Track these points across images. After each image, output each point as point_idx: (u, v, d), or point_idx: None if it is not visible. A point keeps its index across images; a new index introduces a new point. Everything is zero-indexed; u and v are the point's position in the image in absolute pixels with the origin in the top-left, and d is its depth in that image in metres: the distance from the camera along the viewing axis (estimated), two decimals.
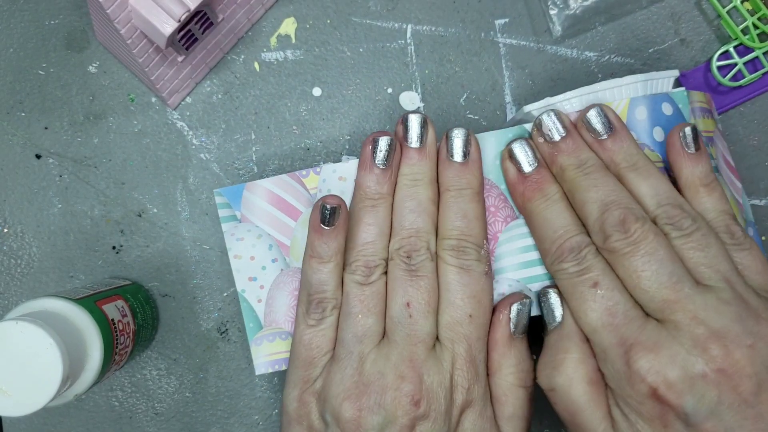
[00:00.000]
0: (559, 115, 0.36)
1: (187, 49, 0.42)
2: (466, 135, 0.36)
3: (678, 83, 0.45)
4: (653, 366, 0.31)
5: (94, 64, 0.45)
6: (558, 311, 0.35)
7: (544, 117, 0.36)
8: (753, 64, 0.45)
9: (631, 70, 0.45)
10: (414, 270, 0.35)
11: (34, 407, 0.33)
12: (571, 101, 0.37)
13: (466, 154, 0.36)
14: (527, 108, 0.38)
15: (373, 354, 0.34)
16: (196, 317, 0.45)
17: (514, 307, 0.35)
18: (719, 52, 0.45)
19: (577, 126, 0.36)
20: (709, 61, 0.45)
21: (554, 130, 0.36)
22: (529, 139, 0.37)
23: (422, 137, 0.36)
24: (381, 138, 0.36)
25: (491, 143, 0.37)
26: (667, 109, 0.37)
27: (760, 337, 0.31)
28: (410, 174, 0.36)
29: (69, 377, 0.33)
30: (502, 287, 0.37)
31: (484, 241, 0.36)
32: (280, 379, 0.45)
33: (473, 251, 0.35)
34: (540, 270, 0.37)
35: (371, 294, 0.35)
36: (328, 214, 0.35)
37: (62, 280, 0.45)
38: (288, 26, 0.45)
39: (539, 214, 0.35)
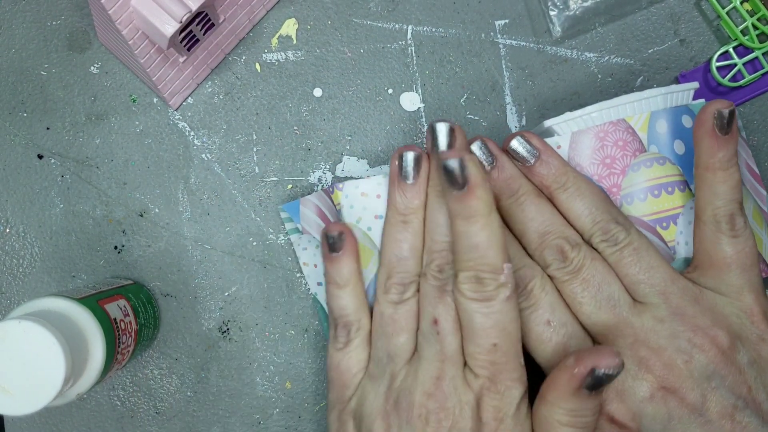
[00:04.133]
0: (487, 144, 0.36)
1: (188, 49, 0.42)
2: (460, 162, 0.32)
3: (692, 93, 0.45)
4: (606, 397, 0.33)
5: (96, 65, 0.45)
6: None
7: (473, 147, 0.36)
8: (752, 65, 0.45)
9: (631, 71, 0.45)
10: (443, 285, 0.34)
11: (36, 406, 0.33)
12: (591, 115, 0.37)
13: (464, 184, 0.31)
14: (547, 123, 0.38)
15: (404, 371, 0.34)
16: (197, 317, 0.45)
17: (599, 372, 0.30)
18: (719, 53, 0.45)
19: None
20: (708, 62, 0.45)
21: (483, 160, 0.36)
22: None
23: (451, 146, 0.35)
24: (407, 152, 0.36)
25: None
26: (687, 122, 0.37)
27: (697, 350, 0.32)
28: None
29: (71, 376, 0.33)
30: None
31: (504, 264, 0.32)
32: (281, 379, 0.45)
33: (491, 280, 0.32)
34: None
35: (404, 312, 0.35)
36: (333, 242, 0.36)
37: (64, 279, 0.45)
38: (289, 27, 0.46)
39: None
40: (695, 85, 0.38)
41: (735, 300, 0.34)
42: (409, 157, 0.36)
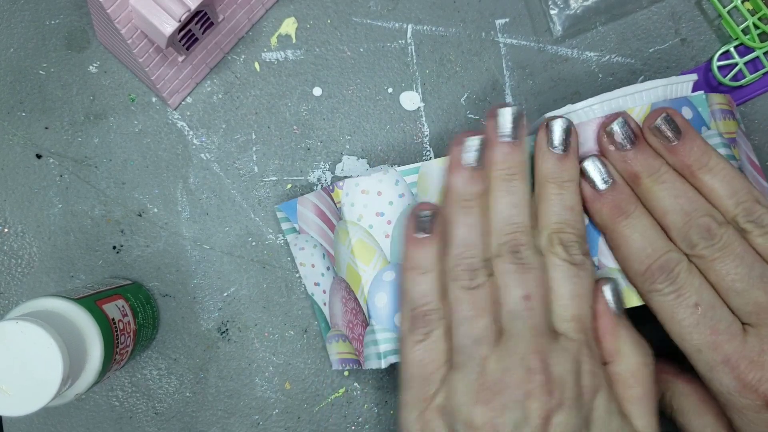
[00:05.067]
0: (628, 122, 0.36)
1: (187, 49, 0.42)
2: (567, 126, 0.36)
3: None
4: (763, 376, 0.32)
5: (95, 64, 0.45)
6: None
7: (615, 126, 0.36)
8: (753, 64, 0.45)
9: (632, 70, 0.45)
10: (524, 264, 0.34)
11: (34, 407, 0.33)
12: (592, 107, 0.37)
13: (566, 146, 0.36)
14: (548, 116, 0.38)
15: (495, 353, 0.33)
16: (196, 317, 0.45)
17: (606, 289, 0.35)
18: (720, 52, 0.45)
19: (644, 133, 0.36)
20: (709, 61, 0.45)
21: (625, 138, 0.36)
22: (601, 156, 0.36)
23: (516, 131, 0.36)
24: (471, 138, 0.36)
25: None
26: (687, 113, 0.37)
27: None
28: (506, 168, 0.36)
29: (69, 377, 0.33)
30: None
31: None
32: (280, 379, 0.45)
33: (580, 245, 0.35)
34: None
35: (482, 295, 0.34)
36: (427, 221, 0.34)
37: (63, 279, 0.45)
38: (288, 26, 0.45)
39: (621, 234, 0.35)
40: (694, 77, 0.38)
41: None
42: (474, 142, 0.36)
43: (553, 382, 0.32)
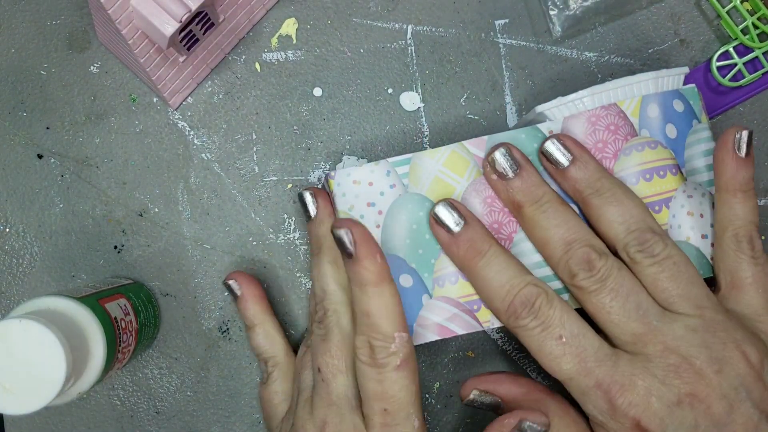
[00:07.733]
0: (511, 150, 0.36)
1: (188, 49, 0.42)
2: (348, 233, 0.35)
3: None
4: (633, 400, 0.32)
5: (96, 65, 0.45)
6: None
7: (497, 154, 0.36)
8: (753, 64, 0.45)
9: (631, 71, 0.46)
10: (325, 334, 0.37)
11: (36, 406, 0.33)
12: (583, 100, 0.37)
13: (350, 254, 0.35)
14: (539, 108, 0.38)
15: (307, 406, 0.37)
16: (197, 316, 0.45)
17: (524, 424, 0.34)
18: (719, 52, 0.45)
19: (531, 160, 0.36)
20: (708, 62, 0.45)
21: (507, 167, 0.36)
22: (452, 199, 0.36)
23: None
24: (306, 192, 0.40)
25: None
26: (678, 106, 0.37)
27: (726, 362, 0.32)
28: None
29: (72, 375, 0.33)
30: None
31: (395, 333, 0.34)
32: None
33: (382, 348, 0.34)
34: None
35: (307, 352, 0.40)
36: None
37: (64, 279, 0.45)
38: (289, 27, 0.46)
39: (479, 274, 0.35)
40: (685, 69, 0.38)
41: (757, 320, 0.34)
42: (308, 195, 0.39)
43: None
